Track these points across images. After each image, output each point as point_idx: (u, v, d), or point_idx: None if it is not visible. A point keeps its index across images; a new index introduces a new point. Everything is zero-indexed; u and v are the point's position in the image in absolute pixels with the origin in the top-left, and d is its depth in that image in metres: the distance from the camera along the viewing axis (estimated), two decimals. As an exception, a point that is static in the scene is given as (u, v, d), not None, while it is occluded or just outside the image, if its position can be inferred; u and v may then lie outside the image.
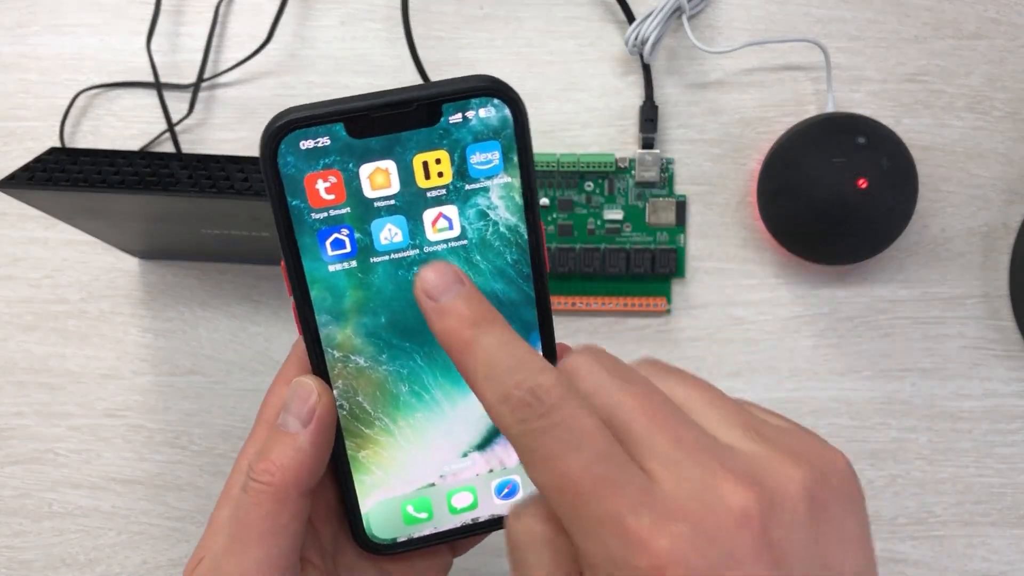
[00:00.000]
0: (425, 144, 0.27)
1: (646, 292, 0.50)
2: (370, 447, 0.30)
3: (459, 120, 0.27)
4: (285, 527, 0.27)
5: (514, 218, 0.28)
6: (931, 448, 0.50)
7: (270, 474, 0.27)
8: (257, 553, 0.27)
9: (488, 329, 0.23)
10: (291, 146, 0.27)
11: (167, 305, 0.51)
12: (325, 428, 0.28)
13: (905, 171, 0.46)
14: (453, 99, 0.27)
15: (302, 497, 0.28)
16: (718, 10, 0.50)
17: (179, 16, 0.51)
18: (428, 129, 0.27)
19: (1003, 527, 0.50)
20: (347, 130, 0.27)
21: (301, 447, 0.27)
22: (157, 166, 0.39)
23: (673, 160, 0.50)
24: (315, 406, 0.28)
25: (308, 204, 0.27)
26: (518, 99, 0.27)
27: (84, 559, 0.51)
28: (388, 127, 0.27)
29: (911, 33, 0.50)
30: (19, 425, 0.51)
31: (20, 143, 0.51)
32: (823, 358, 0.50)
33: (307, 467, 0.28)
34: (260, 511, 0.27)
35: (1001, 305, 0.50)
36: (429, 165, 0.27)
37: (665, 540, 0.19)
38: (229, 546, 0.27)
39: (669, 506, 0.20)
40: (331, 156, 0.27)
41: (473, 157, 0.28)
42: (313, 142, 0.27)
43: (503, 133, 0.27)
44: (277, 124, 0.26)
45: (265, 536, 0.27)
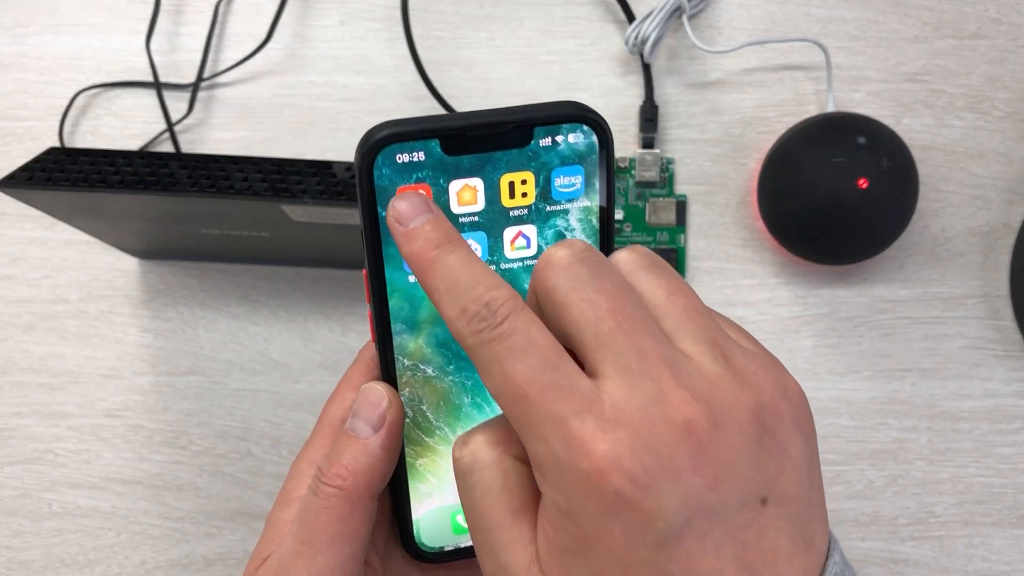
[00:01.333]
0: (513, 165, 0.28)
1: (646, 292, 0.50)
2: (428, 455, 0.31)
3: (548, 144, 0.28)
4: (356, 531, 0.28)
5: (589, 240, 0.29)
6: (931, 448, 0.50)
7: (342, 478, 0.27)
8: (327, 556, 0.27)
9: (451, 249, 0.24)
10: (387, 158, 0.27)
11: (166, 305, 0.51)
12: (395, 434, 0.28)
13: (905, 171, 0.46)
14: (546, 123, 0.28)
15: (372, 501, 0.28)
16: (718, 10, 0.50)
17: (179, 16, 0.51)
18: (518, 150, 0.28)
19: (1003, 527, 0.50)
20: (442, 147, 0.27)
21: (373, 452, 0.28)
22: (157, 166, 0.39)
23: (673, 160, 0.50)
24: (386, 412, 0.28)
25: None
26: (607, 128, 0.28)
27: (84, 559, 0.50)
28: (481, 146, 0.28)
29: (911, 33, 0.50)
30: (19, 425, 0.51)
31: (20, 143, 0.51)
32: (823, 358, 0.50)
33: (378, 472, 0.28)
34: (332, 514, 0.27)
35: (1001, 305, 0.50)
36: (515, 185, 0.28)
37: (606, 444, 0.21)
38: (297, 548, 0.28)
39: (614, 413, 0.21)
40: (424, 170, 0.28)
41: (557, 180, 0.29)
42: (409, 156, 0.27)
43: (588, 159, 0.28)
44: (377, 136, 0.27)
45: (336, 540, 0.27)
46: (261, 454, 0.50)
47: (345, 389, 0.30)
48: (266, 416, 0.50)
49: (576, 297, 0.22)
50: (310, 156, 0.50)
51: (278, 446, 0.50)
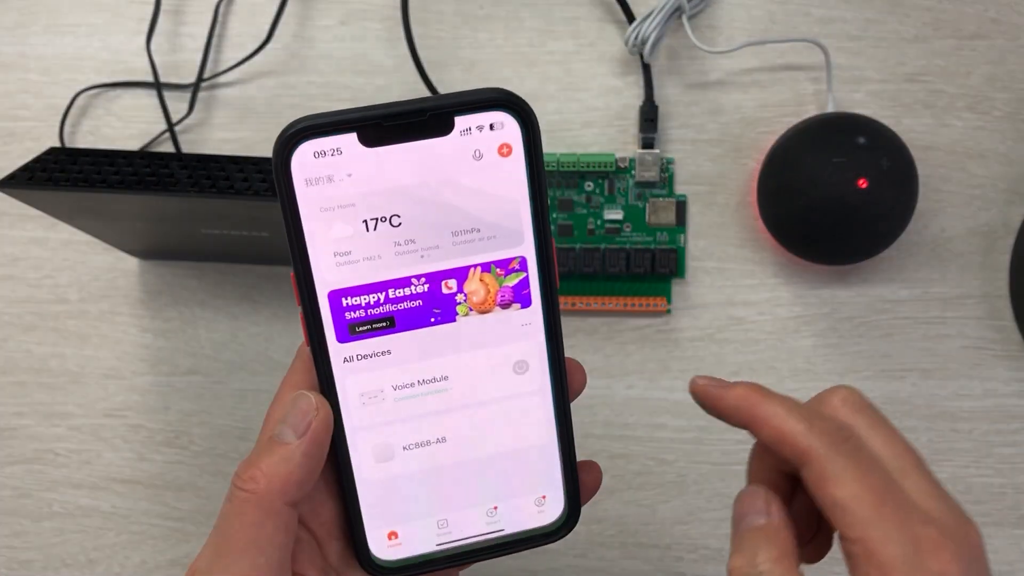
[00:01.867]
0: (436, 157, 0.28)
1: (646, 292, 0.50)
2: (379, 470, 0.30)
3: (469, 132, 0.27)
4: (270, 538, 0.27)
5: (523, 249, 0.29)
6: (931, 448, 0.50)
7: (255, 481, 0.27)
8: (241, 565, 0.27)
9: (770, 391, 0.29)
10: (304, 155, 0.27)
11: (167, 305, 0.51)
12: (318, 441, 0.28)
13: (905, 171, 0.46)
14: (465, 110, 0.27)
15: (288, 508, 0.27)
16: (718, 10, 0.50)
17: (179, 16, 0.51)
18: (438, 140, 0.27)
19: (1003, 527, 0.50)
20: (360, 138, 0.27)
21: (291, 457, 0.27)
22: (157, 166, 0.39)
23: (673, 160, 0.50)
24: (312, 420, 0.28)
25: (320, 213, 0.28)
26: (531, 113, 0.28)
27: (84, 559, 0.51)
28: (400, 136, 0.27)
29: (911, 33, 0.50)
30: (19, 425, 0.51)
31: (20, 143, 0.51)
32: (823, 358, 0.50)
33: (295, 477, 0.27)
34: (243, 520, 0.27)
35: (1001, 305, 0.50)
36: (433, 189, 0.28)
37: (946, 553, 0.25)
38: (214, 559, 0.27)
39: (944, 528, 0.25)
40: (343, 166, 0.27)
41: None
42: (326, 150, 0.27)
43: (513, 149, 0.28)
44: (289, 132, 0.26)
45: (248, 548, 0.27)
46: (261, 454, 0.50)
47: (286, 390, 0.30)
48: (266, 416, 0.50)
49: (877, 435, 0.28)
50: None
51: (278, 446, 0.50)
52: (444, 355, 0.30)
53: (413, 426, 0.30)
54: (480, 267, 0.29)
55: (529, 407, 0.31)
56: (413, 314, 0.29)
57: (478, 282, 0.29)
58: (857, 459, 0.26)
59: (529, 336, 0.30)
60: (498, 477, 0.31)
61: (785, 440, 0.27)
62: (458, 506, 0.31)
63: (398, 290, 0.29)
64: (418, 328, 0.29)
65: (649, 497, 0.50)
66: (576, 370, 0.32)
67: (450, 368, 0.30)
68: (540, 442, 0.31)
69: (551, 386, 0.31)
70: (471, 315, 0.30)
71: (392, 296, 0.29)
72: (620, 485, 0.50)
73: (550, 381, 0.31)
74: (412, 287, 0.29)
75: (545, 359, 0.31)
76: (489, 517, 0.32)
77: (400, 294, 0.29)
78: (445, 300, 0.29)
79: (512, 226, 0.29)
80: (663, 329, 0.50)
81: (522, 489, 0.32)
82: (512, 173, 0.28)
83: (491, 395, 0.31)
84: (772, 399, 0.28)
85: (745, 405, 0.28)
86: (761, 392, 0.28)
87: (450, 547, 0.32)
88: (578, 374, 0.32)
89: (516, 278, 0.30)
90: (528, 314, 0.30)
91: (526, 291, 0.30)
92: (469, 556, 0.32)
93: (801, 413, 0.27)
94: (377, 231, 0.28)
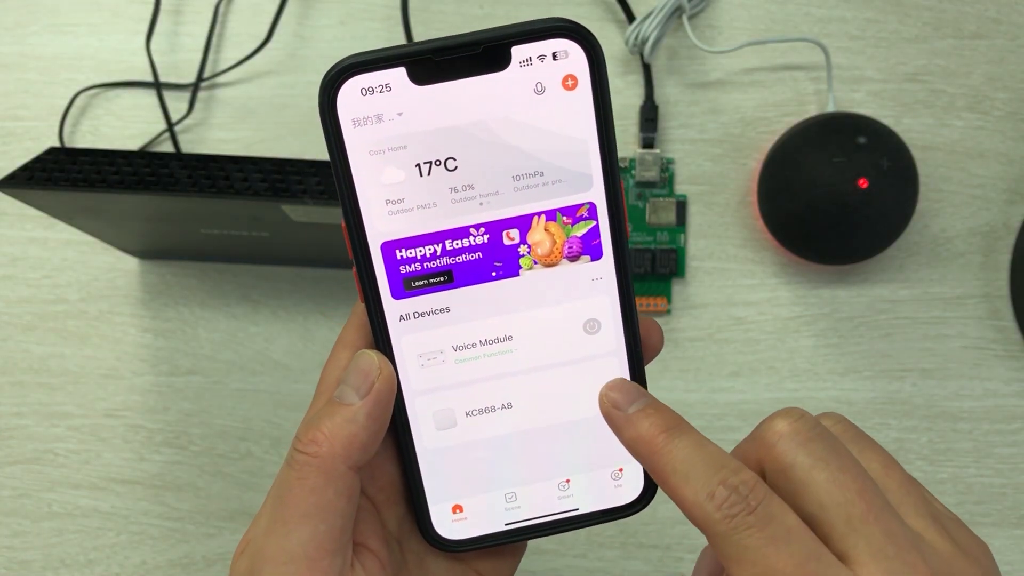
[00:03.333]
0: (494, 94, 0.25)
1: (646, 292, 0.50)
2: (441, 438, 0.29)
3: (529, 65, 0.25)
4: (331, 504, 0.25)
5: (592, 188, 0.27)
6: (931, 448, 0.50)
7: (317, 444, 0.25)
8: (301, 533, 0.25)
9: (680, 433, 0.24)
10: (351, 92, 0.25)
11: (166, 305, 0.51)
12: (382, 402, 0.26)
13: (905, 171, 0.46)
14: (523, 40, 0.25)
15: (351, 472, 0.26)
16: (718, 10, 0.50)
17: (178, 16, 0.51)
18: (495, 75, 0.25)
19: (1004, 527, 0.50)
20: (410, 75, 0.25)
21: (354, 419, 0.26)
22: (156, 166, 0.39)
23: (673, 160, 0.50)
24: (375, 380, 0.26)
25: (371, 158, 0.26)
26: (595, 40, 0.25)
27: (83, 559, 0.50)
28: (453, 73, 0.25)
29: (911, 33, 0.50)
30: (18, 425, 0.51)
31: (20, 143, 0.51)
32: (823, 358, 0.50)
33: (359, 440, 0.26)
34: (304, 486, 0.25)
35: (1001, 305, 0.50)
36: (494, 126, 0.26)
37: None
38: (271, 527, 0.26)
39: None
40: (394, 105, 0.25)
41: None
42: (374, 87, 0.25)
43: (579, 83, 0.26)
44: (336, 69, 0.25)
45: (309, 514, 0.25)
46: (261, 454, 0.50)
47: (340, 349, 0.28)
48: (266, 416, 0.50)
49: (821, 476, 0.23)
50: (310, 156, 0.50)
51: (278, 446, 0.50)
52: (507, 313, 0.27)
53: (476, 390, 0.28)
54: (545, 215, 0.27)
55: (602, 370, 0.28)
56: (473, 268, 0.27)
57: (543, 232, 0.27)
58: (764, 535, 0.22)
59: (600, 292, 0.28)
60: (570, 447, 0.29)
61: (683, 508, 0.24)
62: (527, 479, 0.29)
63: (456, 241, 0.27)
64: (479, 283, 0.27)
65: (649, 497, 0.50)
66: (652, 329, 0.29)
67: (514, 327, 0.28)
68: None
69: (625, 347, 0.28)
70: (536, 268, 0.27)
71: (449, 248, 0.27)
72: (620, 485, 0.50)
73: (624, 342, 0.28)
74: (471, 238, 0.27)
75: (619, 317, 0.28)
76: (561, 491, 0.29)
77: (458, 246, 0.27)
78: (507, 252, 0.27)
79: (580, 169, 0.26)
80: (663, 329, 0.50)
81: (597, 461, 0.29)
82: (578, 109, 0.26)
83: (560, 357, 0.28)
84: (674, 449, 0.24)
85: (643, 451, 0.25)
86: (668, 433, 0.24)
87: (519, 526, 0.30)
88: (654, 333, 0.29)
89: (585, 227, 0.27)
90: (599, 267, 0.27)
91: (596, 241, 0.27)
92: (535, 532, 0.30)
93: (705, 472, 0.23)
94: (431, 176, 0.26)
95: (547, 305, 0.28)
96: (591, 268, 0.27)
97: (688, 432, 0.25)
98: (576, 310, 0.28)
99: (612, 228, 0.27)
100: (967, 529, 0.25)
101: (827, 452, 0.23)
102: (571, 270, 0.27)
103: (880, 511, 0.23)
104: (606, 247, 0.27)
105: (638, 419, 0.25)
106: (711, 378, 0.50)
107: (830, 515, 0.22)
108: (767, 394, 0.50)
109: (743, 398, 0.50)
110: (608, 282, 0.28)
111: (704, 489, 0.23)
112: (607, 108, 0.26)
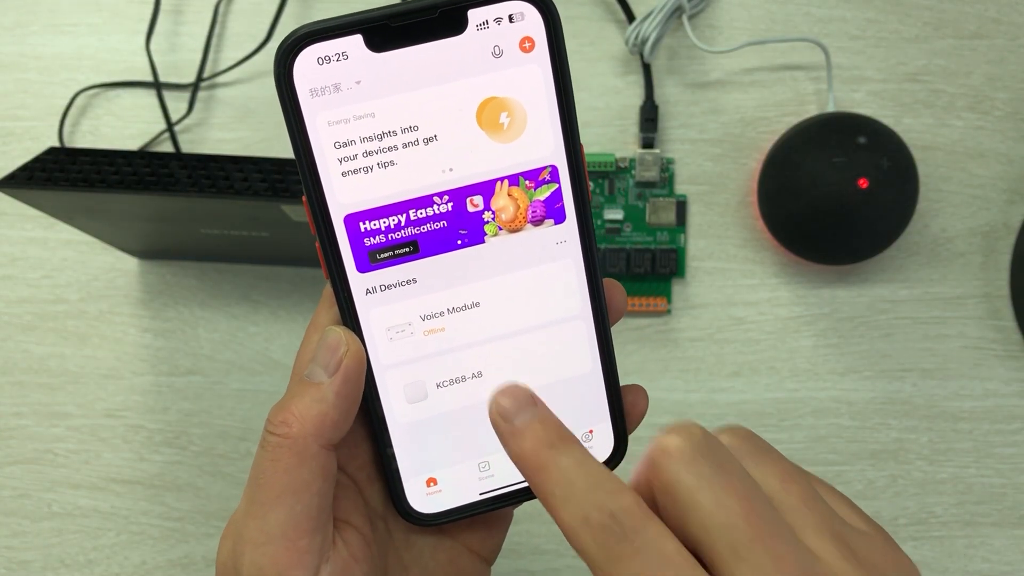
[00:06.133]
0: (452, 60, 0.25)
1: (646, 292, 0.50)
2: (413, 411, 0.28)
3: (486, 28, 0.25)
4: (306, 484, 0.25)
5: (547, 150, 0.27)
6: (931, 448, 0.50)
7: (287, 425, 0.26)
8: (278, 514, 0.25)
9: (564, 449, 0.23)
10: (307, 63, 0.25)
11: (166, 305, 0.51)
12: (351, 378, 0.26)
13: (905, 171, 0.46)
14: (478, 2, 0.25)
15: (324, 452, 0.26)
16: (718, 9, 0.50)
17: (178, 16, 0.51)
18: (452, 40, 0.25)
19: (1004, 527, 0.49)
20: (367, 42, 0.25)
21: (324, 397, 0.26)
22: (156, 166, 0.39)
23: (673, 160, 0.50)
24: (343, 356, 0.26)
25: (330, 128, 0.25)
26: (550, 1, 0.25)
27: (83, 559, 0.50)
28: (410, 39, 0.25)
29: (911, 33, 0.50)
30: (18, 425, 0.51)
31: (20, 143, 0.51)
32: (823, 358, 0.50)
33: (329, 418, 0.26)
34: (277, 467, 0.25)
35: (1001, 305, 0.50)
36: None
37: None
38: (249, 509, 0.26)
39: None
40: (352, 74, 0.25)
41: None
42: (331, 56, 0.25)
43: (537, 46, 0.26)
44: (290, 39, 0.24)
45: (284, 495, 0.25)
46: (261, 454, 0.50)
47: (313, 331, 0.28)
48: (266, 416, 0.50)
49: (705, 498, 0.21)
50: (310, 156, 0.50)
51: (278, 446, 0.50)
52: (474, 281, 0.27)
53: (446, 360, 0.28)
54: (508, 180, 0.27)
55: (569, 334, 0.28)
56: (438, 237, 0.27)
57: (506, 197, 0.27)
58: (637, 565, 0.21)
59: (565, 255, 0.28)
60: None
61: (562, 530, 0.22)
62: (498, 446, 0.28)
63: (420, 211, 0.27)
64: (444, 252, 0.27)
65: (649, 497, 0.50)
66: (615, 290, 0.29)
67: (482, 294, 0.28)
68: (583, 372, 0.29)
69: (591, 310, 0.28)
70: (501, 235, 0.27)
71: (414, 218, 0.27)
72: (620, 485, 0.50)
73: (590, 305, 0.28)
74: (435, 206, 0.27)
75: (584, 280, 0.28)
76: None
77: (422, 215, 0.27)
78: (472, 219, 0.27)
79: (540, 131, 0.26)
80: (663, 329, 0.50)
81: (567, 423, 0.29)
82: (536, 71, 0.26)
83: (528, 323, 0.28)
84: (554, 468, 0.22)
85: (524, 467, 0.23)
86: (553, 450, 0.23)
87: (494, 494, 0.29)
88: (618, 295, 0.29)
89: (548, 190, 0.27)
90: (562, 231, 0.27)
91: (559, 204, 0.27)
92: (514, 498, 0.30)
93: (583, 494, 0.22)
94: (394, 144, 0.26)
95: (513, 271, 0.28)
96: (555, 232, 0.27)
97: (572, 448, 0.23)
98: (542, 274, 0.28)
99: (574, 191, 0.27)
100: (885, 547, 0.23)
101: (713, 472, 0.21)
102: (536, 234, 0.27)
103: (769, 535, 0.21)
104: (569, 210, 0.27)
105: (523, 432, 0.23)
106: (711, 378, 0.50)
107: (713, 540, 0.21)
108: (767, 394, 0.50)
109: (743, 398, 0.50)
110: (572, 245, 0.28)
111: (579, 512, 0.21)
112: (565, 69, 0.26)
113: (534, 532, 0.50)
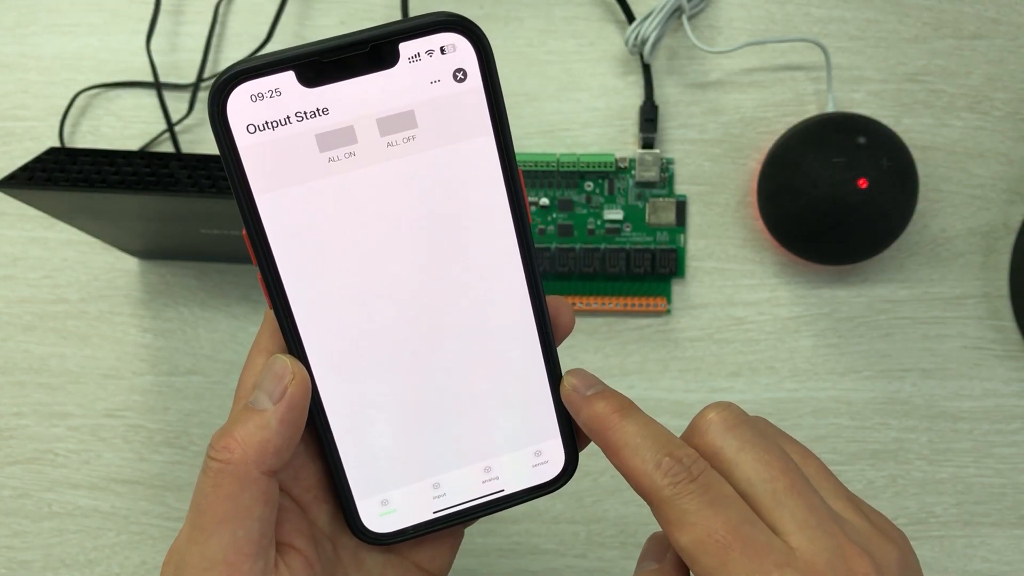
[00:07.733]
0: (385, 94, 0.26)
1: (646, 292, 0.50)
2: (361, 432, 0.29)
3: (419, 62, 0.25)
4: (248, 510, 0.26)
5: (487, 187, 0.27)
6: (931, 448, 0.50)
7: (229, 451, 0.26)
8: (220, 539, 0.25)
9: (631, 413, 0.27)
10: (241, 100, 0.25)
11: (167, 305, 0.51)
12: (296, 406, 0.27)
13: (905, 171, 0.46)
14: (409, 36, 0.25)
15: (265, 477, 0.26)
16: (718, 10, 0.50)
17: (179, 16, 0.51)
18: (385, 73, 0.25)
19: (1004, 527, 0.50)
20: (299, 78, 0.25)
21: (267, 424, 0.26)
22: (156, 166, 0.39)
23: (673, 160, 0.50)
24: (288, 385, 0.26)
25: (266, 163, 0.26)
26: (481, 33, 0.26)
27: (83, 559, 0.50)
28: (343, 73, 0.25)
29: (911, 33, 0.50)
30: (18, 425, 0.51)
31: (20, 143, 0.51)
32: (823, 358, 0.50)
33: (272, 445, 0.26)
34: (219, 493, 0.25)
35: (1001, 305, 0.50)
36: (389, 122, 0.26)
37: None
38: (191, 534, 0.26)
39: (808, 568, 0.24)
40: (285, 109, 0.25)
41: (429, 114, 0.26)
42: (264, 93, 0.25)
43: (469, 78, 0.26)
44: (223, 77, 0.25)
45: (225, 521, 0.25)
46: (261, 454, 0.50)
47: (256, 354, 0.28)
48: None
49: (748, 456, 0.26)
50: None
51: (278, 446, 0.50)
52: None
53: (394, 381, 0.28)
54: None
55: (513, 351, 0.29)
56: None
57: None
58: (704, 500, 0.25)
59: (512, 275, 0.28)
60: (487, 432, 0.29)
61: (631, 477, 0.26)
62: (449, 466, 0.30)
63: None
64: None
65: (649, 497, 0.50)
66: (561, 307, 0.30)
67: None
68: (529, 390, 0.29)
69: (535, 325, 0.29)
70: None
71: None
72: (620, 485, 0.50)
73: (534, 320, 0.29)
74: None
75: (527, 299, 0.29)
76: (486, 474, 0.30)
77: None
78: None
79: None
80: (663, 329, 0.50)
81: (516, 443, 0.30)
82: (471, 101, 0.26)
83: (474, 341, 0.29)
84: (627, 425, 0.27)
85: (598, 427, 0.27)
86: (621, 412, 0.27)
87: (447, 512, 0.30)
88: (564, 311, 0.30)
89: None
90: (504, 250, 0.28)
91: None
92: (465, 516, 0.30)
93: (653, 446, 0.26)
94: (329, 176, 0.26)
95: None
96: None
97: (638, 413, 0.27)
98: (487, 293, 0.28)
99: (513, 212, 0.27)
100: (885, 517, 0.27)
101: (752, 436, 0.26)
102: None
103: (802, 487, 0.25)
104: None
105: (595, 400, 0.28)
106: (711, 378, 0.50)
107: (757, 490, 0.25)
108: (767, 394, 0.50)
109: (743, 398, 0.50)
110: (514, 267, 0.28)
111: (652, 459, 0.26)
112: (499, 98, 0.26)
113: (534, 532, 0.50)
